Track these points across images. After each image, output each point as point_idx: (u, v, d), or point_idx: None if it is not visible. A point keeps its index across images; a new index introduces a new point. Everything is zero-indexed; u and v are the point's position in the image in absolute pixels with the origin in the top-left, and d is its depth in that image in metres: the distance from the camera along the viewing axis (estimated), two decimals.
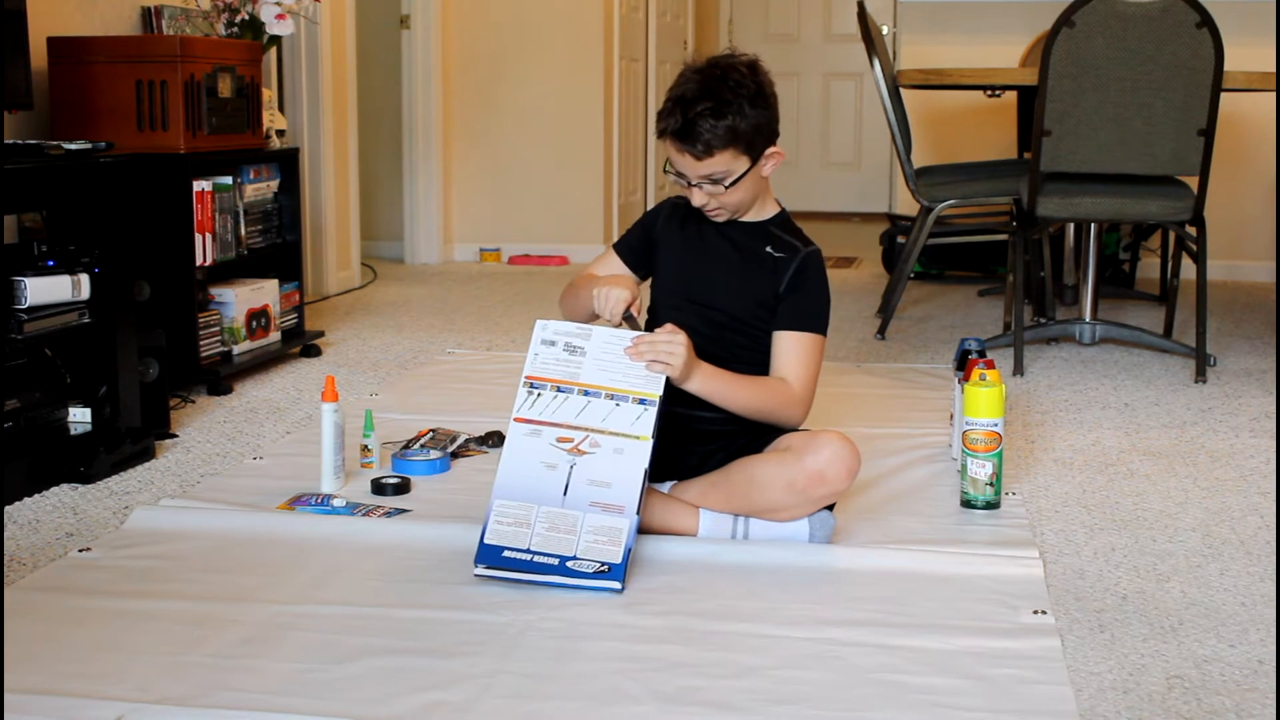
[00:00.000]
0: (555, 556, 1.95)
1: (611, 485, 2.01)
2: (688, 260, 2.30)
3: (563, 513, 1.99)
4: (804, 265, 2.26)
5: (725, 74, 2.16)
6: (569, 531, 1.97)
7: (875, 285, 5.28)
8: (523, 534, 1.97)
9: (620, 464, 2.02)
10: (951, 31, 5.87)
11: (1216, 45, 3.49)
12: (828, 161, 8.42)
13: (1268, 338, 4.24)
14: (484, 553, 1.98)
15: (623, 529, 1.97)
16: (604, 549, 1.96)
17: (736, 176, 2.18)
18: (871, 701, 1.64)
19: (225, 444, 2.88)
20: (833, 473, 2.12)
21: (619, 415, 2.05)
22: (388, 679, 1.69)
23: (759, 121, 2.16)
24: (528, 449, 2.05)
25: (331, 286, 5.02)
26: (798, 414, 2.24)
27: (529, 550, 1.96)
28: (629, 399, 2.07)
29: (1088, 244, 4.05)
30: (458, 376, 3.58)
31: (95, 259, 2.71)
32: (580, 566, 1.94)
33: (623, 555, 1.96)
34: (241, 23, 3.72)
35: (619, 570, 1.95)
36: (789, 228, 2.32)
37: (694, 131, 2.13)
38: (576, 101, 5.98)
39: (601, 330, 2.13)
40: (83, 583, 2.02)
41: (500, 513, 2.00)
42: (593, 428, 2.05)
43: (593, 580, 1.94)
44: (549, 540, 1.97)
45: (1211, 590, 2.05)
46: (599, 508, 1.99)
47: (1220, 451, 2.88)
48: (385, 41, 5.82)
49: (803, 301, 2.25)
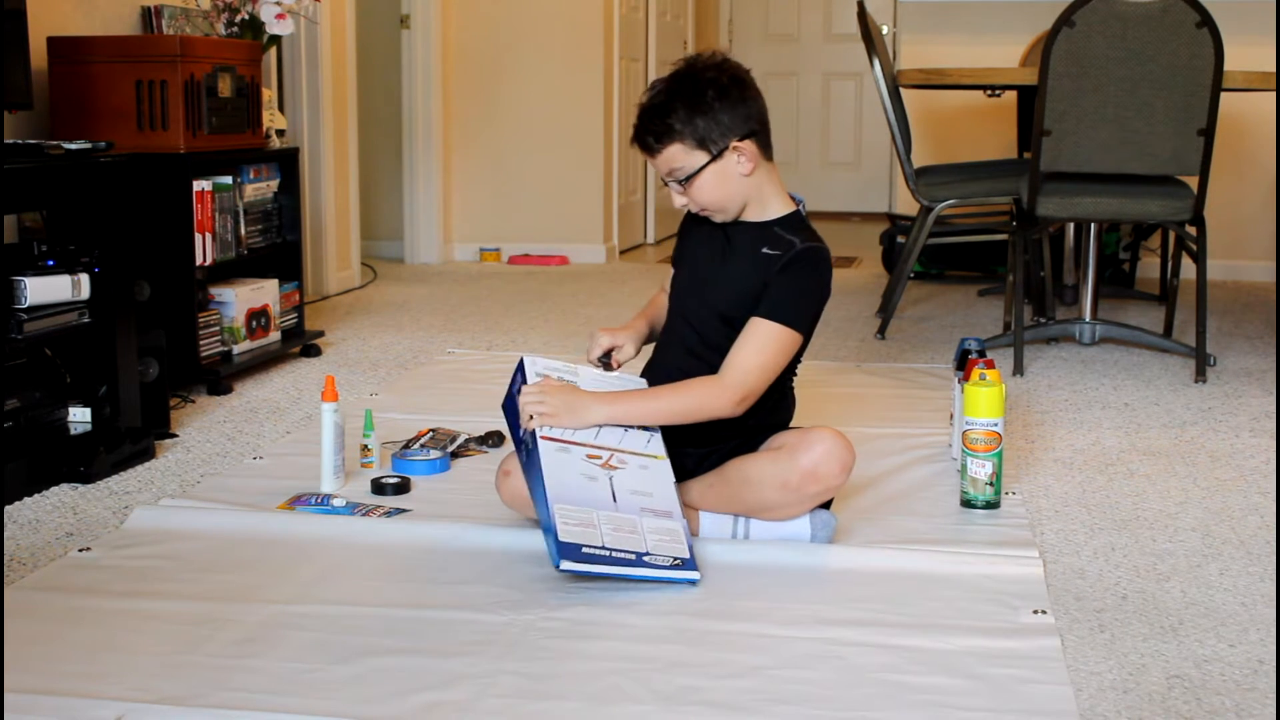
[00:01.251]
0: (631, 552, 1.97)
1: (653, 495, 2.06)
2: (695, 262, 2.29)
3: (622, 516, 2.01)
4: (793, 259, 2.15)
5: (687, 73, 2.15)
6: (632, 532, 2.00)
7: (875, 285, 5.28)
8: (593, 534, 1.97)
9: (650, 477, 2.08)
10: (951, 31, 5.87)
11: (1216, 45, 3.49)
12: (828, 161, 8.42)
13: (1268, 338, 4.24)
14: (564, 549, 1.94)
15: (678, 529, 2.03)
16: (671, 546, 2.00)
17: (691, 172, 2.14)
18: (872, 701, 1.64)
19: (225, 444, 2.88)
20: (826, 469, 2.11)
21: (631, 439, 2.11)
22: (388, 679, 1.69)
23: (719, 114, 2.11)
24: (563, 463, 2.05)
25: (331, 286, 5.02)
26: (723, 403, 2.12)
27: (605, 548, 1.97)
28: (634, 426, 2.13)
29: (1088, 244, 4.05)
30: (458, 376, 3.58)
31: (95, 259, 2.71)
32: (656, 560, 1.97)
33: (689, 550, 2.00)
34: (241, 23, 3.72)
35: (691, 563, 1.99)
36: (794, 227, 2.20)
37: (639, 127, 2.16)
38: (576, 101, 5.98)
39: (587, 369, 2.21)
40: (83, 583, 2.02)
41: (564, 515, 1.98)
42: (613, 448, 2.10)
43: (671, 571, 1.98)
44: (619, 539, 1.98)
45: (1211, 590, 2.05)
46: (650, 513, 2.03)
47: (1220, 451, 2.88)
48: (385, 41, 5.83)
49: (777, 291, 2.14)
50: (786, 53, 8.29)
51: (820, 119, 8.39)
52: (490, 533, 2.21)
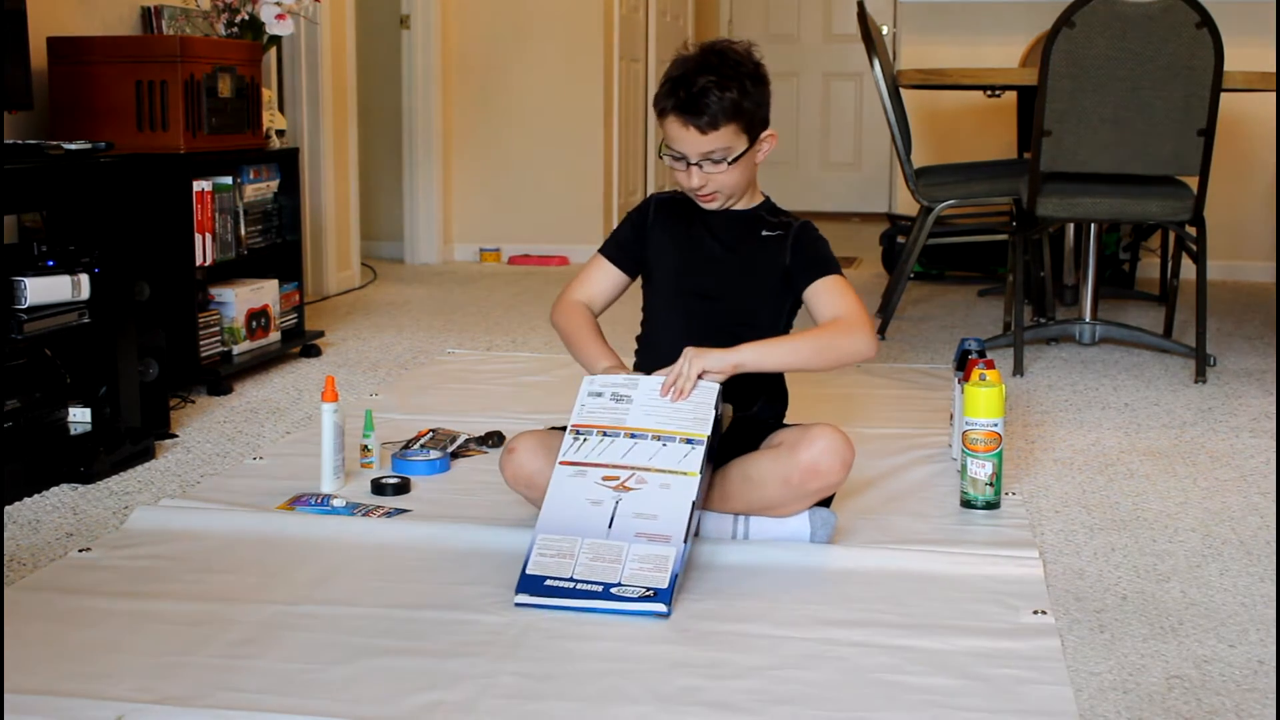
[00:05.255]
0: (599, 584, 1.92)
1: (658, 517, 1.98)
2: (683, 255, 2.30)
3: (608, 544, 1.96)
4: (801, 232, 2.29)
5: (724, 54, 2.19)
6: (614, 561, 1.94)
7: (875, 285, 5.27)
8: (566, 564, 1.94)
9: (667, 497, 2.00)
10: (951, 31, 5.87)
11: (1216, 45, 3.49)
12: (828, 161, 8.42)
13: (1268, 338, 4.24)
14: (525, 582, 1.93)
15: (669, 556, 1.94)
16: (649, 575, 1.92)
17: (736, 155, 2.19)
18: (871, 701, 1.64)
19: (225, 444, 2.88)
20: (826, 465, 2.12)
21: (665, 454, 2.05)
22: (388, 679, 1.69)
23: (759, 100, 2.20)
24: (572, 488, 2.03)
25: (331, 286, 5.02)
26: (864, 338, 2.17)
27: (572, 579, 1.93)
28: (675, 439, 2.05)
29: (1088, 244, 4.05)
30: (458, 376, 3.58)
31: (95, 259, 2.71)
32: (624, 592, 1.90)
33: (669, 580, 1.91)
34: (241, 23, 3.72)
35: (665, 594, 1.90)
36: (777, 211, 2.34)
37: (701, 104, 2.14)
38: (576, 101, 5.98)
39: (648, 379, 2.13)
40: (83, 583, 2.02)
41: (543, 546, 1.97)
42: (639, 466, 2.04)
43: (637, 604, 1.90)
44: (593, 569, 1.93)
45: (1211, 590, 2.05)
46: (645, 538, 1.96)
47: (1220, 451, 2.88)
48: (385, 41, 5.82)
49: (814, 255, 2.27)
50: (786, 53, 8.29)
51: (820, 119, 8.39)
52: (490, 533, 2.21)
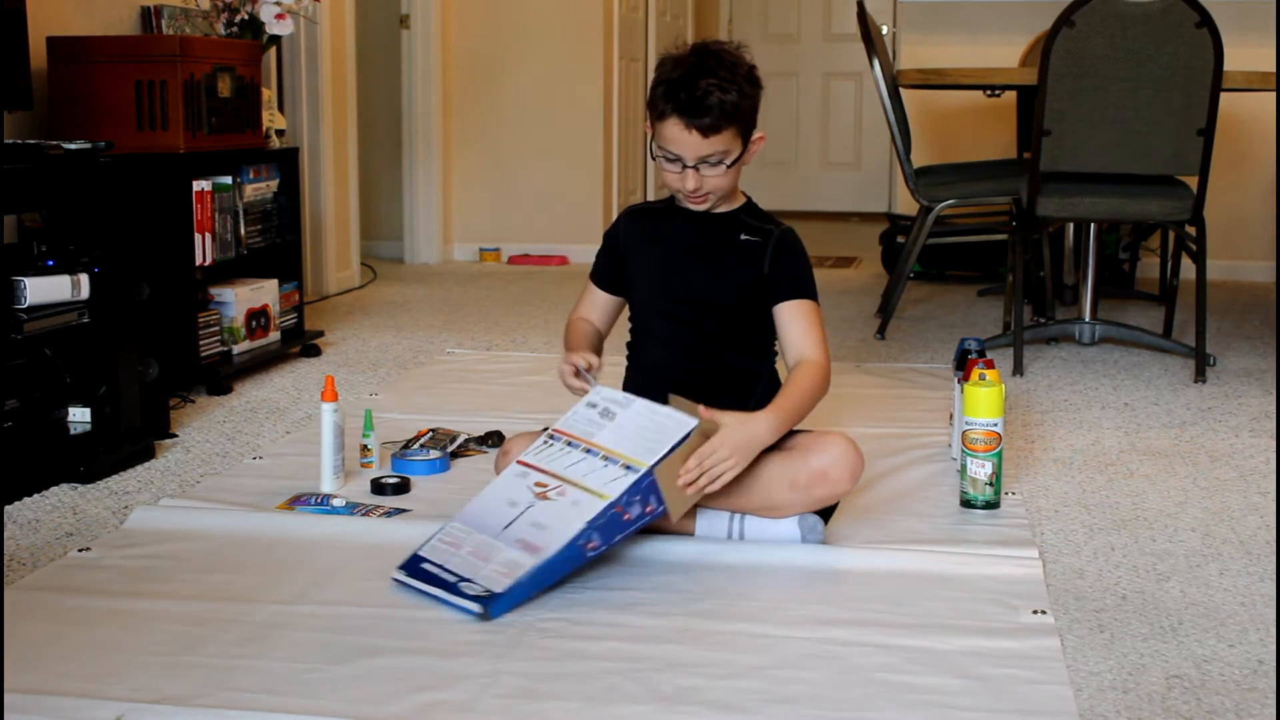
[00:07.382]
0: (456, 576, 1.95)
1: (549, 529, 1.97)
2: (661, 263, 2.31)
3: (490, 542, 1.99)
4: (781, 242, 2.27)
5: (720, 56, 2.18)
6: (484, 559, 1.96)
7: (875, 285, 5.27)
8: (449, 553, 2.00)
9: (569, 513, 1.98)
10: (951, 31, 5.87)
11: (1216, 45, 3.49)
12: (828, 161, 8.42)
13: (1268, 338, 4.24)
14: (410, 561, 2.01)
15: (528, 564, 1.93)
16: (499, 578, 1.92)
17: (734, 157, 2.19)
18: (871, 701, 1.64)
19: (225, 444, 2.88)
20: (836, 473, 2.13)
21: (599, 474, 2.02)
22: (388, 679, 1.69)
23: (755, 102, 2.20)
24: (506, 486, 2.07)
25: (331, 286, 5.02)
26: (828, 380, 2.24)
27: (441, 566, 1.98)
28: (618, 462, 2.02)
29: (1087, 244, 4.05)
30: (457, 376, 3.58)
31: (95, 259, 2.71)
32: (468, 589, 1.91)
33: (510, 587, 1.90)
34: (241, 23, 3.72)
35: (499, 601, 1.88)
36: (758, 214, 2.32)
37: (704, 107, 2.13)
38: (576, 101, 5.98)
39: (641, 402, 2.12)
40: (82, 583, 2.02)
41: (447, 532, 2.04)
42: (569, 479, 2.04)
43: (467, 601, 1.89)
44: (464, 563, 1.97)
45: (1211, 590, 2.05)
46: (522, 545, 1.96)
47: (1220, 451, 2.88)
48: (385, 41, 5.82)
49: (792, 272, 2.26)
50: (786, 53, 8.29)
51: (820, 119, 8.39)
52: None
